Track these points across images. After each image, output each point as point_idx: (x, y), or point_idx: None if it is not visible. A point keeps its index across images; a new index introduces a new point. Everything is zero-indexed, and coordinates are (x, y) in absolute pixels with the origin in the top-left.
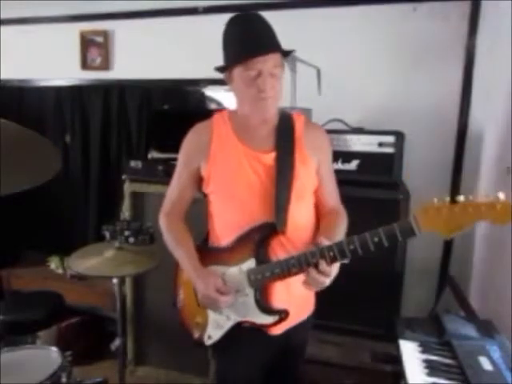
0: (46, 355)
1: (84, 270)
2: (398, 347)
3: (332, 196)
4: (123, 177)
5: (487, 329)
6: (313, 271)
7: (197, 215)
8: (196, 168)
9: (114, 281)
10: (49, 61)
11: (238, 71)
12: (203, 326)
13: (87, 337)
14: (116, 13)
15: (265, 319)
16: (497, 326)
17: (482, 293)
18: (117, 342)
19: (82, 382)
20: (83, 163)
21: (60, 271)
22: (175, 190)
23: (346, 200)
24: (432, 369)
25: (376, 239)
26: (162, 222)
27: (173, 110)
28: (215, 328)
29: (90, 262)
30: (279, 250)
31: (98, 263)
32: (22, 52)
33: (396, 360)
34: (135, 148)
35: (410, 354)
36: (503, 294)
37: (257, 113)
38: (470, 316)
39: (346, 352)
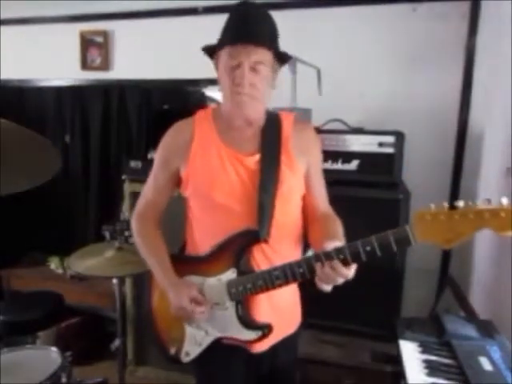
0: (45, 355)
1: (84, 270)
2: (397, 347)
3: (322, 199)
4: (123, 177)
5: (487, 329)
6: (327, 269)
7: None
8: (174, 169)
9: (114, 281)
10: (49, 61)
11: (222, 58)
12: (180, 342)
13: (87, 337)
14: (116, 13)
15: (247, 335)
16: (497, 326)
17: (482, 293)
18: (117, 342)
19: (81, 382)
20: (83, 163)
21: (60, 271)
22: (150, 192)
23: (346, 200)
24: (432, 369)
25: (368, 248)
26: (134, 226)
27: (173, 110)
28: (193, 344)
29: (89, 262)
30: (262, 260)
31: (98, 263)
32: (22, 52)
33: (396, 360)
34: (135, 148)
35: (410, 354)
36: (503, 294)
37: (234, 108)
38: (470, 316)
39: (345, 352)
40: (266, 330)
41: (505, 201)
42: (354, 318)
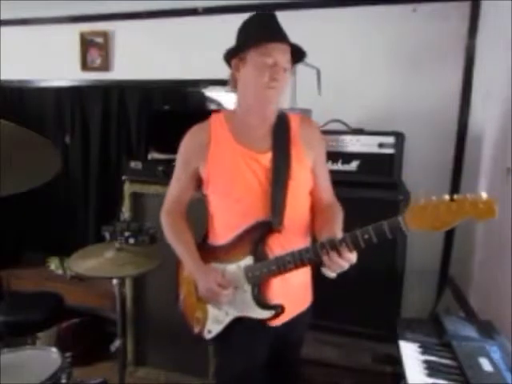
0: (45, 356)
1: (84, 270)
2: (398, 348)
3: (327, 192)
4: (123, 177)
5: (487, 330)
6: (334, 255)
7: (198, 214)
8: (195, 169)
9: (114, 282)
10: (49, 62)
11: (253, 56)
12: (203, 321)
13: (87, 338)
14: (116, 14)
15: (262, 314)
16: (497, 327)
17: (482, 293)
18: (117, 343)
19: (81, 382)
20: (83, 164)
21: (60, 272)
22: (175, 191)
23: (346, 200)
24: (432, 370)
25: (366, 236)
26: (164, 220)
27: (173, 110)
28: (214, 323)
29: (89, 262)
30: (276, 248)
31: (98, 264)
32: (22, 53)
33: (396, 361)
34: (135, 149)
35: (410, 354)
36: (503, 295)
37: (260, 103)
38: (470, 317)
39: (346, 353)
40: (278, 309)
41: (483, 194)
42: (354, 318)
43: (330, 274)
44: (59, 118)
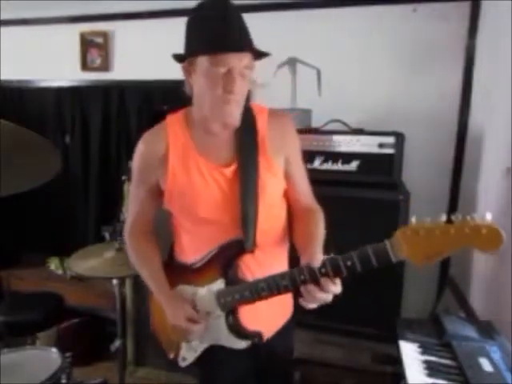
0: (45, 356)
1: (84, 270)
2: (398, 348)
3: (305, 194)
4: (123, 177)
5: (487, 330)
6: (314, 289)
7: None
8: (154, 183)
9: (114, 282)
10: (49, 62)
11: (202, 64)
12: (177, 348)
13: (87, 338)
14: (116, 14)
15: (237, 344)
16: (497, 327)
17: (482, 293)
18: (117, 343)
19: (82, 382)
20: (83, 164)
21: (60, 272)
22: (135, 210)
23: (345, 201)
24: (432, 370)
25: (349, 263)
26: (127, 243)
27: (173, 110)
28: (189, 350)
29: (89, 262)
30: (250, 268)
31: (98, 264)
32: (22, 53)
33: (396, 361)
34: (135, 149)
35: (410, 354)
36: (503, 295)
37: (218, 117)
38: (470, 317)
39: (346, 353)
40: (255, 339)
41: (488, 216)
42: (353, 318)
43: (309, 305)
44: (59, 117)
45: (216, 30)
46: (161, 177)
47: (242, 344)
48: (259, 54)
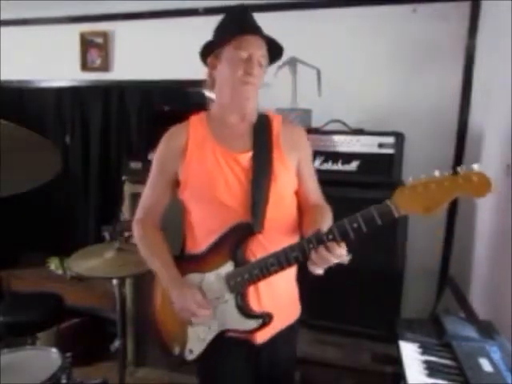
0: (45, 356)
1: (84, 270)
2: (398, 348)
3: (314, 194)
4: (123, 178)
5: (487, 330)
6: (323, 250)
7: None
8: (172, 174)
9: (114, 282)
10: (49, 62)
11: (227, 51)
12: (183, 340)
13: (87, 338)
14: (116, 14)
15: (247, 324)
16: (497, 327)
17: (482, 293)
18: (117, 343)
19: (82, 383)
20: (83, 164)
21: (60, 272)
22: (148, 200)
23: (345, 201)
24: (432, 370)
25: (355, 225)
26: (136, 232)
27: (173, 111)
28: (196, 341)
29: (89, 262)
30: (258, 251)
31: (98, 264)
32: (22, 53)
33: (396, 361)
34: (135, 149)
35: (410, 355)
36: (503, 295)
37: (237, 99)
38: (470, 317)
39: (346, 353)
40: (266, 318)
41: (476, 166)
42: (354, 318)
43: (317, 270)
44: (59, 117)
45: (236, 22)
46: (179, 167)
47: (251, 324)
48: (274, 50)
